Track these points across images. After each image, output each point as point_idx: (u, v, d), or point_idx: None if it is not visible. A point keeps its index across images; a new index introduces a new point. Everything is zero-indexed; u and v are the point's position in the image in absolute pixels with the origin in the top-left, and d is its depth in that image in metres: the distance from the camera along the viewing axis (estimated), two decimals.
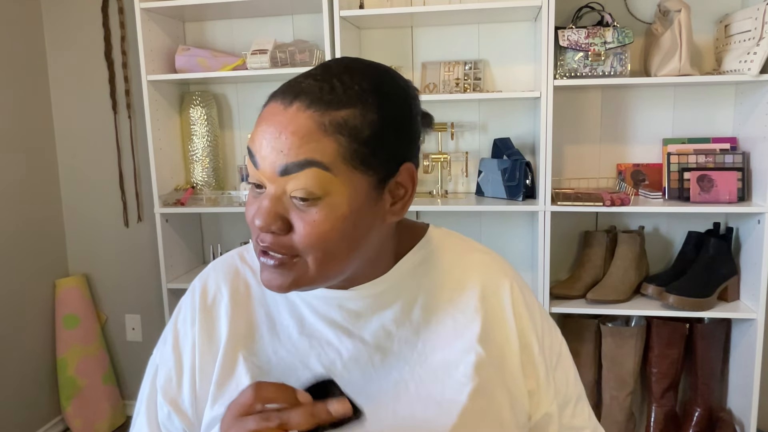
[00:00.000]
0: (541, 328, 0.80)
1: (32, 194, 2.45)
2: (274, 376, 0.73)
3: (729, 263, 2.00)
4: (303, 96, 0.64)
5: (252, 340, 0.76)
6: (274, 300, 0.78)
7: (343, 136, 0.63)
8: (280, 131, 0.63)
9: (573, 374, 0.84)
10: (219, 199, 2.25)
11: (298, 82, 0.65)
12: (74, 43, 2.48)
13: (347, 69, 0.67)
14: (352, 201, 0.65)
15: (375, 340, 0.74)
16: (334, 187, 0.63)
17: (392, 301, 0.75)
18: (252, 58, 2.07)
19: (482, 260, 0.81)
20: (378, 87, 0.66)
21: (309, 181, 0.62)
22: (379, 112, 0.65)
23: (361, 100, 0.64)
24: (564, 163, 2.22)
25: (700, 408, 2.09)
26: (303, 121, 0.62)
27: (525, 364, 0.76)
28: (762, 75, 1.80)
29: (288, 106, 0.64)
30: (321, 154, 0.62)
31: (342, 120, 0.63)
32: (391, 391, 0.72)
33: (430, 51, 2.24)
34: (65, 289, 2.52)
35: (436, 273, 0.78)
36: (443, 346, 0.73)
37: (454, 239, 0.82)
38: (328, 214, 0.64)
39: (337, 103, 0.63)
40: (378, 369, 0.73)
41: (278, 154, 0.63)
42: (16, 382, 2.38)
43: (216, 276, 0.81)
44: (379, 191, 0.67)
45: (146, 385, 0.80)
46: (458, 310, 0.76)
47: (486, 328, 0.75)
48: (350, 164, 0.64)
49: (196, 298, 0.80)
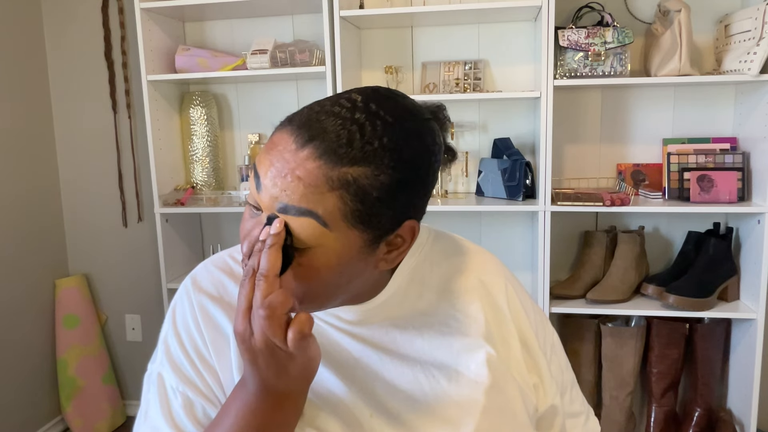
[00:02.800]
0: (535, 322, 0.82)
1: (32, 194, 2.45)
2: None
3: (729, 263, 2.00)
4: (318, 141, 0.60)
5: None
6: None
7: (349, 194, 0.60)
8: (287, 171, 0.60)
9: (564, 362, 0.87)
10: (219, 199, 2.25)
11: (320, 120, 0.61)
12: (74, 43, 2.48)
13: (375, 115, 0.62)
14: (342, 255, 0.63)
15: (381, 344, 0.74)
16: (327, 240, 0.61)
17: (392, 310, 0.75)
18: (252, 58, 2.07)
19: (477, 261, 0.81)
20: (399, 146, 0.62)
21: (304, 230, 0.61)
22: (393, 175, 0.62)
23: (377, 160, 0.61)
24: (564, 163, 2.22)
25: (700, 408, 2.09)
26: (311, 169, 0.60)
27: (527, 360, 0.78)
28: (762, 75, 1.80)
29: (300, 147, 0.60)
30: (322, 209, 0.60)
31: (351, 178, 0.60)
32: (408, 392, 0.72)
33: (430, 51, 2.24)
34: (65, 289, 2.52)
35: (433, 277, 0.78)
36: (450, 346, 0.74)
37: (443, 240, 0.83)
38: (314, 263, 0.62)
39: (351, 159, 0.60)
40: (389, 370, 0.73)
41: (280, 192, 0.61)
42: (16, 382, 2.38)
43: (208, 275, 0.79)
44: (374, 246, 0.65)
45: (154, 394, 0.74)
46: (459, 311, 0.76)
47: (489, 326, 0.76)
48: (349, 222, 0.61)
49: (192, 296, 0.78)
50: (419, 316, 0.75)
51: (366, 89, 0.66)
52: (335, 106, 0.62)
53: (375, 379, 0.73)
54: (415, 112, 0.66)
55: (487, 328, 0.76)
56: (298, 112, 0.64)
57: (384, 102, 0.64)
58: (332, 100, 0.64)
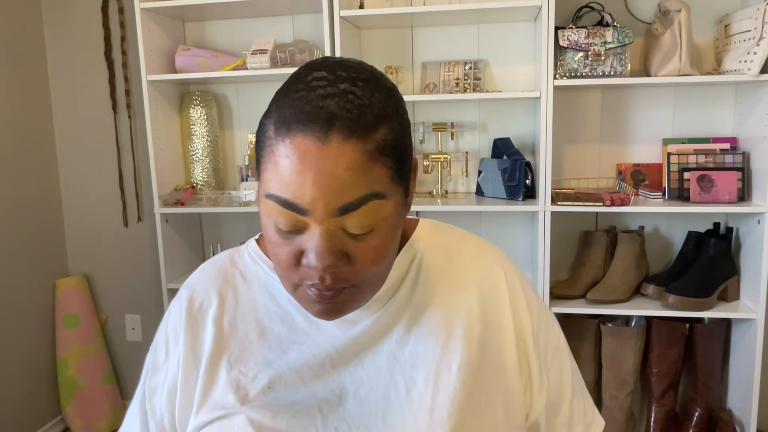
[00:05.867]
0: (537, 321, 0.77)
1: (32, 194, 2.45)
2: (261, 381, 0.71)
3: (729, 263, 2.00)
4: (337, 124, 0.57)
5: (240, 347, 0.74)
6: (265, 307, 0.75)
7: (388, 157, 0.60)
8: (329, 171, 0.57)
9: (569, 369, 0.81)
10: (219, 199, 2.25)
11: (318, 108, 0.58)
12: (74, 43, 2.48)
13: (352, 80, 0.61)
14: (397, 214, 0.63)
15: (367, 341, 0.72)
16: (389, 208, 0.62)
17: (384, 303, 0.73)
18: (252, 58, 2.07)
19: (476, 254, 0.78)
20: (385, 92, 0.63)
21: (370, 215, 0.60)
22: (400, 119, 0.63)
23: (386, 113, 0.61)
24: (564, 163, 2.22)
25: (700, 408, 2.09)
26: (351, 153, 0.57)
27: (521, 359, 0.75)
28: (762, 75, 1.80)
29: (326, 140, 0.57)
30: (378, 184, 0.59)
31: (383, 141, 0.59)
32: (384, 394, 0.70)
33: (430, 51, 2.24)
34: (65, 289, 2.52)
35: (428, 272, 0.75)
36: (435, 345, 0.71)
37: (445, 233, 0.80)
38: (383, 237, 0.62)
39: (373, 125, 0.59)
40: (369, 371, 0.71)
41: (334, 195, 0.57)
42: (16, 382, 2.38)
43: (204, 282, 0.79)
44: (405, 192, 0.66)
45: (139, 387, 0.80)
46: (453, 309, 0.73)
47: (482, 326, 0.73)
48: (397, 182, 0.62)
49: (183, 305, 0.78)
50: (412, 309, 0.73)
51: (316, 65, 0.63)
52: (314, 90, 0.59)
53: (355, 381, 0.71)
54: (359, 60, 0.66)
55: (480, 329, 0.72)
56: (281, 116, 0.60)
57: (341, 65, 0.63)
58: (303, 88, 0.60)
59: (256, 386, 0.71)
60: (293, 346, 0.73)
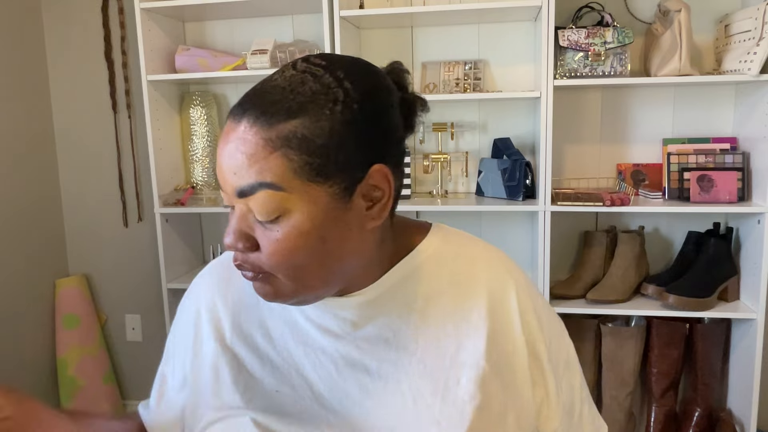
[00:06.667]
0: (549, 334, 0.75)
1: (32, 194, 2.45)
2: (267, 383, 0.71)
3: (729, 263, 2.00)
4: (250, 111, 0.60)
5: (244, 347, 0.74)
6: (268, 307, 0.75)
7: (292, 149, 0.58)
8: (232, 152, 0.60)
9: (579, 379, 0.80)
10: (219, 199, 2.25)
11: (250, 94, 0.62)
12: (74, 43, 2.48)
13: (304, 71, 0.61)
14: (314, 216, 0.61)
15: (371, 348, 0.70)
16: (291, 204, 0.60)
17: (388, 307, 0.71)
18: (252, 58, 2.07)
19: (486, 263, 0.75)
20: (332, 87, 0.60)
21: (263, 203, 0.60)
22: (332, 117, 0.59)
23: (312, 106, 0.59)
24: (564, 163, 2.22)
25: (700, 408, 2.09)
26: (251, 138, 0.59)
27: (534, 374, 0.72)
28: (762, 75, 1.80)
29: (238, 123, 0.60)
30: (270, 174, 0.59)
31: (289, 133, 0.58)
32: (390, 405, 0.68)
33: (430, 51, 2.24)
34: (65, 289, 2.52)
35: (436, 278, 0.73)
36: (443, 356, 0.69)
37: (456, 239, 0.77)
38: (289, 231, 0.61)
39: (284, 114, 0.59)
40: (375, 378, 0.69)
41: (233, 176, 0.60)
42: (16, 382, 2.38)
43: (208, 285, 0.80)
44: (347, 199, 0.62)
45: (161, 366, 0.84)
46: (461, 318, 0.71)
47: (492, 338, 0.70)
48: (304, 178, 0.59)
49: (191, 309, 0.80)
50: (418, 317, 0.71)
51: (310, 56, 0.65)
52: (269, 78, 0.63)
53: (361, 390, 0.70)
54: (354, 59, 0.65)
55: (489, 341, 0.70)
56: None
57: (317, 57, 0.63)
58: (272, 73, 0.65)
59: (263, 388, 0.71)
60: (298, 347, 0.72)
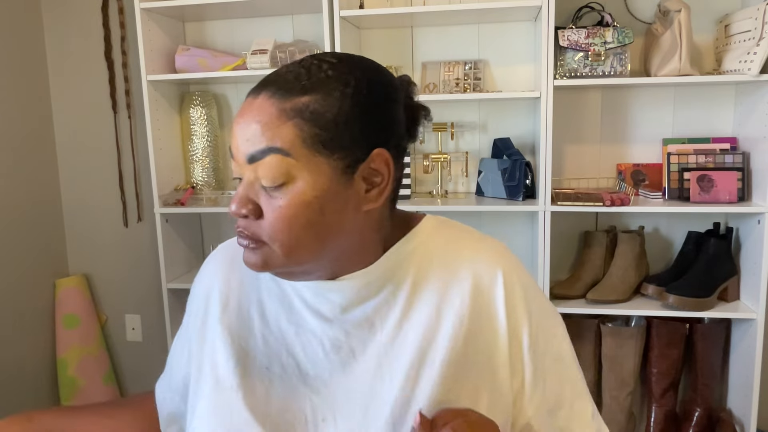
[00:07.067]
0: (537, 324, 0.76)
1: (32, 194, 2.45)
2: (259, 360, 0.75)
3: (729, 263, 2.00)
4: (270, 86, 0.66)
5: (242, 323, 0.78)
6: (267, 287, 0.80)
7: (304, 120, 0.64)
8: (248, 121, 0.65)
9: (573, 374, 0.79)
10: (219, 199, 2.25)
11: (269, 75, 0.68)
12: (74, 43, 2.48)
13: (322, 60, 0.68)
14: (317, 186, 0.65)
15: (357, 331, 0.74)
16: (297, 172, 0.65)
17: (377, 292, 0.74)
18: (252, 58, 2.07)
19: (475, 250, 0.77)
20: (345, 74, 0.67)
21: (272, 167, 0.64)
22: (342, 97, 0.65)
23: (325, 86, 0.65)
24: (564, 163, 2.22)
25: (700, 408, 2.09)
26: (267, 108, 0.65)
27: (514, 362, 0.74)
28: (762, 75, 1.80)
29: (256, 97, 0.66)
30: (281, 140, 0.64)
31: (303, 105, 0.64)
32: (367, 386, 0.72)
33: (430, 51, 2.24)
34: (65, 289, 2.52)
35: (426, 264, 0.75)
36: (422, 339, 0.72)
37: (449, 228, 0.80)
38: (292, 199, 0.65)
39: (300, 89, 0.65)
40: (360, 362, 0.73)
41: (245, 143, 0.65)
42: (16, 382, 2.38)
43: (215, 266, 0.85)
44: (348, 177, 0.67)
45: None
46: (445, 303, 0.73)
47: (473, 322, 0.73)
48: (312, 149, 0.64)
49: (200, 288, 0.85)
50: (405, 302, 0.74)
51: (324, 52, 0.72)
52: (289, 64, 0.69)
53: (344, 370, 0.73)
54: (366, 58, 0.71)
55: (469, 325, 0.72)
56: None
57: (335, 54, 0.70)
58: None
59: (255, 365, 0.75)
60: (290, 327, 0.76)
